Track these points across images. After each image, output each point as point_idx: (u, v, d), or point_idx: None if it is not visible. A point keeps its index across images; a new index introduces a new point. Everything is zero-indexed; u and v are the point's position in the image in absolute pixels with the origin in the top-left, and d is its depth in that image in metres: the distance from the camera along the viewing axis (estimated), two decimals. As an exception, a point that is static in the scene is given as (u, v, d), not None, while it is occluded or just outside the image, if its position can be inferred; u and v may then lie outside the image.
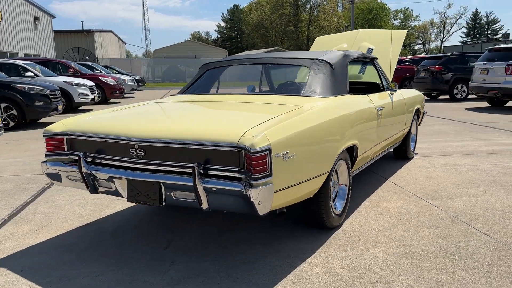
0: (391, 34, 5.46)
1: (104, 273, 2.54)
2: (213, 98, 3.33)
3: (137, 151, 2.52)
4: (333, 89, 3.28)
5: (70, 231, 3.23)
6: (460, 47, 56.17)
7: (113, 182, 2.67)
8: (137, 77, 24.00)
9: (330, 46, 5.87)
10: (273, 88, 3.64)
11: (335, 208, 3.08)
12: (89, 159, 2.75)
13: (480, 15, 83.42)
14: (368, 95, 3.81)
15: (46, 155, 2.94)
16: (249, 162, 2.20)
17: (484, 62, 11.14)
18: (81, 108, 13.27)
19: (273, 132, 2.31)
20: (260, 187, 2.18)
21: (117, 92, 15.84)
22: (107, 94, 15.43)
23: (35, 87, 8.94)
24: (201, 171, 2.34)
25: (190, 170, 2.39)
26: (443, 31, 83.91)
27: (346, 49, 4.98)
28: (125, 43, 58.01)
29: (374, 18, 67.48)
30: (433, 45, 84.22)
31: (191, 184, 2.34)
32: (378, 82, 4.59)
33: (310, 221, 3.03)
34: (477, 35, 79.73)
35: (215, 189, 2.30)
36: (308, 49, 50.15)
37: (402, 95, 4.73)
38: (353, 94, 3.56)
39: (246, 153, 2.21)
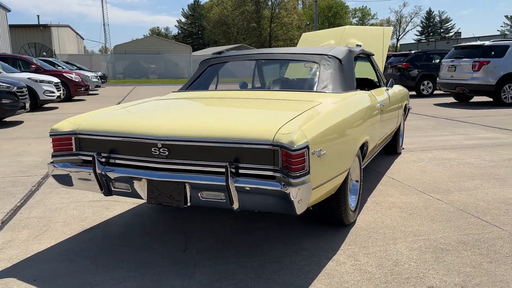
0: (377, 31, 5.53)
1: (126, 280, 2.41)
2: (225, 95, 3.23)
3: (160, 150, 2.40)
4: (344, 85, 3.26)
5: (75, 236, 3.05)
6: (415, 45, 58.11)
7: (131, 183, 2.54)
8: (99, 74, 23.26)
9: (317, 42, 5.87)
10: (282, 84, 3.58)
11: (350, 204, 3.07)
12: (103, 160, 2.60)
13: (433, 14, 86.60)
14: (371, 91, 3.83)
15: (53, 156, 2.76)
16: (287, 160, 2.14)
17: (452, 59, 11.54)
18: (46, 106, 12.71)
19: (308, 129, 2.25)
20: (300, 185, 2.13)
21: (82, 89, 15.25)
22: (72, 91, 14.83)
23: (0, 84, 8.45)
24: (233, 170, 2.25)
25: (220, 169, 2.30)
26: (399, 29, 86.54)
27: (334, 46, 4.99)
28: (83, 39, 56.09)
29: (334, 16, 68.63)
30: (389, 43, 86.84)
31: (223, 183, 2.25)
32: (373, 78, 4.63)
33: (329, 218, 3.00)
34: (431, 34, 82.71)
35: (248, 188, 2.23)
36: (270, 46, 50.28)
37: (394, 91, 4.80)
38: (359, 90, 3.56)
39: (284, 150, 2.14)
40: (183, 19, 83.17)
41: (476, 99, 12.59)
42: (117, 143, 2.55)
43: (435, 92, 14.73)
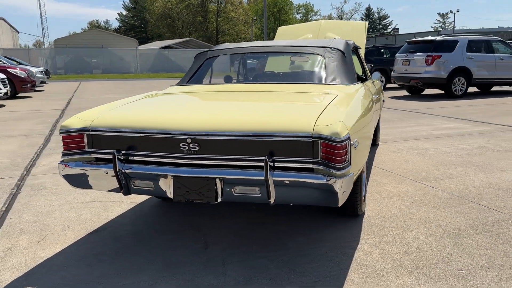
0: (359, 26, 5.65)
1: (157, 281, 2.31)
2: (237, 88, 3.16)
3: (190, 145, 2.31)
4: (350, 77, 3.31)
5: (82, 240, 2.88)
6: (357, 40, 60.01)
7: (155, 181, 2.42)
8: (42, 69, 22.00)
9: (295, 36, 5.91)
10: (289, 77, 3.55)
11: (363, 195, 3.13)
12: (121, 157, 2.47)
13: (372, 10, 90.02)
14: (364, 83, 3.91)
15: (64, 155, 2.58)
16: (329, 152, 2.14)
17: (406, 53, 12.04)
18: (-9, 103, 11.86)
19: (347, 120, 2.26)
20: (344, 177, 2.14)
21: (29, 85, 14.39)
22: (18, 88, 13.94)
23: None
24: (271, 164, 2.22)
25: (257, 163, 2.26)
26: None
27: (313, 39, 5.05)
28: (18, 32, 52.75)
29: (279, 12, 69.37)
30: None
31: (260, 178, 2.21)
32: (359, 70, 4.72)
33: (345, 209, 3.04)
34: (370, 30, 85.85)
35: (287, 182, 2.20)
36: (217, 41, 49.49)
37: (378, 83, 4.93)
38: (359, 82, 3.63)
39: (325, 142, 2.14)
40: (124, 12, 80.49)
41: (427, 91, 13.24)
42: (138, 139, 2.43)
43: (387, 85, 15.32)
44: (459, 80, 11.39)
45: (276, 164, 2.25)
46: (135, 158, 2.47)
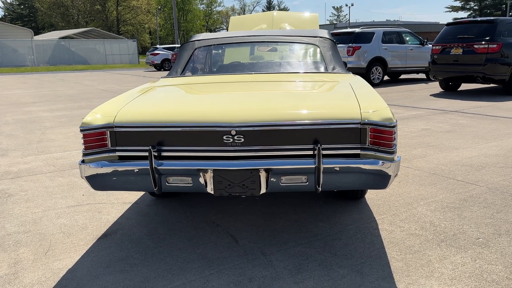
0: (312, 18, 5.81)
1: (209, 279, 2.24)
2: (246, 78, 3.07)
3: (235, 137, 2.25)
4: (343, 65, 3.44)
5: (95, 246, 2.66)
6: (260, 32, 61.28)
7: (195, 176, 2.32)
8: None
9: (249, 26, 5.90)
10: (289, 66, 3.53)
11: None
12: (156, 153, 2.32)
13: (273, 3, 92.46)
14: None
15: (85, 155, 2.35)
16: (380, 137, 2.22)
17: (328, 44, 12.62)
18: None
19: (387, 106, 2.36)
20: (395, 161, 2.25)
21: None
22: None
23: None
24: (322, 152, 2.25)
25: (304, 152, 2.27)
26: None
27: (267, 30, 5.12)
28: None
29: (183, 2, 68.10)
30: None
31: (310, 166, 2.23)
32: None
33: (347, 192, 3.17)
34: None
35: (337, 168, 2.25)
36: (119, 31, 47.11)
37: None
38: (344, 71, 3.77)
39: (374, 128, 2.22)
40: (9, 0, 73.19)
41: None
42: (174, 133, 2.30)
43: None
44: (376, 70, 12.26)
45: (324, 152, 2.28)
46: (170, 153, 2.34)
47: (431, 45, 12.91)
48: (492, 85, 10.93)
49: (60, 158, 4.87)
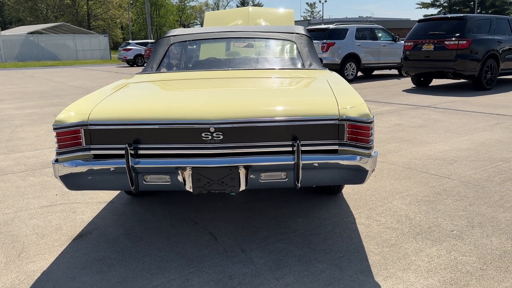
0: (287, 14, 5.81)
1: (189, 278, 2.22)
2: (224, 74, 3.04)
3: (214, 134, 2.23)
4: (319, 61, 3.46)
5: (70, 247, 2.60)
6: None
7: (173, 174, 2.29)
8: None
9: (224, 22, 5.87)
10: (266, 63, 3.50)
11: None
12: (132, 152, 2.28)
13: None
14: None
15: (59, 154, 2.29)
16: (357, 133, 2.25)
17: (302, 40, 12.67)
18: None
19: (364, 102, 2.39)
20: (372, 156, 2.27)
21: None
22: None
23: None
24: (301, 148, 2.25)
25: (283, 149, 2.27)
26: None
27: (243, 25, 5.11)
28: None
29: (155, -4, 67.17)
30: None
31: (289, 162, 2.24)
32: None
33: (326, 188, 3.21)
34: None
35: (316, 164, 2.26)
36: (89, 26, 46.05)
37: None
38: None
39: (351, 124, 2.24)
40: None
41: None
42: (151, 131, 2.26)
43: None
44: (350, 66, 12.40)
45: (302, 148, 2.29)
46: (147, 151, 2.30)
47: (403, 42, 13.17)
48: (462, 80, 11.23)
49: (31, 157, 4.74)
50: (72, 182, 2.32)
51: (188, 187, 2.32)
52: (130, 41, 27.45)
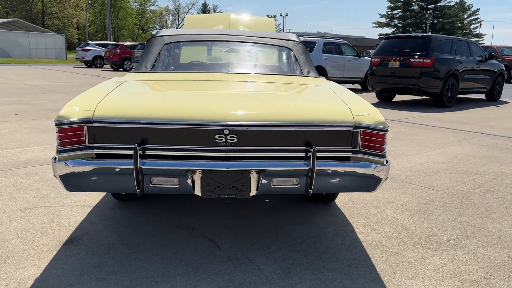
0: (268, 22, 5.82)
1: (197, 286, 2.12)
2: (225, 77, 2.95)
3: (228, 137, 2.16)
4: (315, 69, 3.47)
5: (61, 252, 2.42)
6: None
7: (182, 177, 2.19)
8: None
9: (206, 26, 5.79)
10: (263, 68, 3.44)
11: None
12: (140, 152, 2.16)
13: (208, 7, 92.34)
14: None
15: (60, 152, 2.13)
16: (372, 140, 2.25)
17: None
18: None
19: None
20: (386, 164, 2.28)
21: None
22: None
23: None
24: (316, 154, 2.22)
25: (297, 154, 2.24)
26: (178, 18, 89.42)
27: (239, 30, 5.07)
28: None
29: (115, -1, 65.77)
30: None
31: (303, 168, 2.20)
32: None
33: (319, 196, 3.20)
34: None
35: (329, 171, 2.24)
36: (44, 24, 44.36)
37: None
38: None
39: (366, 131, 2.24)
40: None
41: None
42: (161, 131, 2.15)
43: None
44: (317, 77, 12.59)
45: (318, 154, 2.26)
46: (155, 152, 2.19)
47: (366, 57, 13.59)
48: (424, 97, 11.69)
49: (-2, 156, 4.43)
50: (73, 182, 2.16)
51: (197, 191, 2.22)
52: (89, 42, 26.64)
